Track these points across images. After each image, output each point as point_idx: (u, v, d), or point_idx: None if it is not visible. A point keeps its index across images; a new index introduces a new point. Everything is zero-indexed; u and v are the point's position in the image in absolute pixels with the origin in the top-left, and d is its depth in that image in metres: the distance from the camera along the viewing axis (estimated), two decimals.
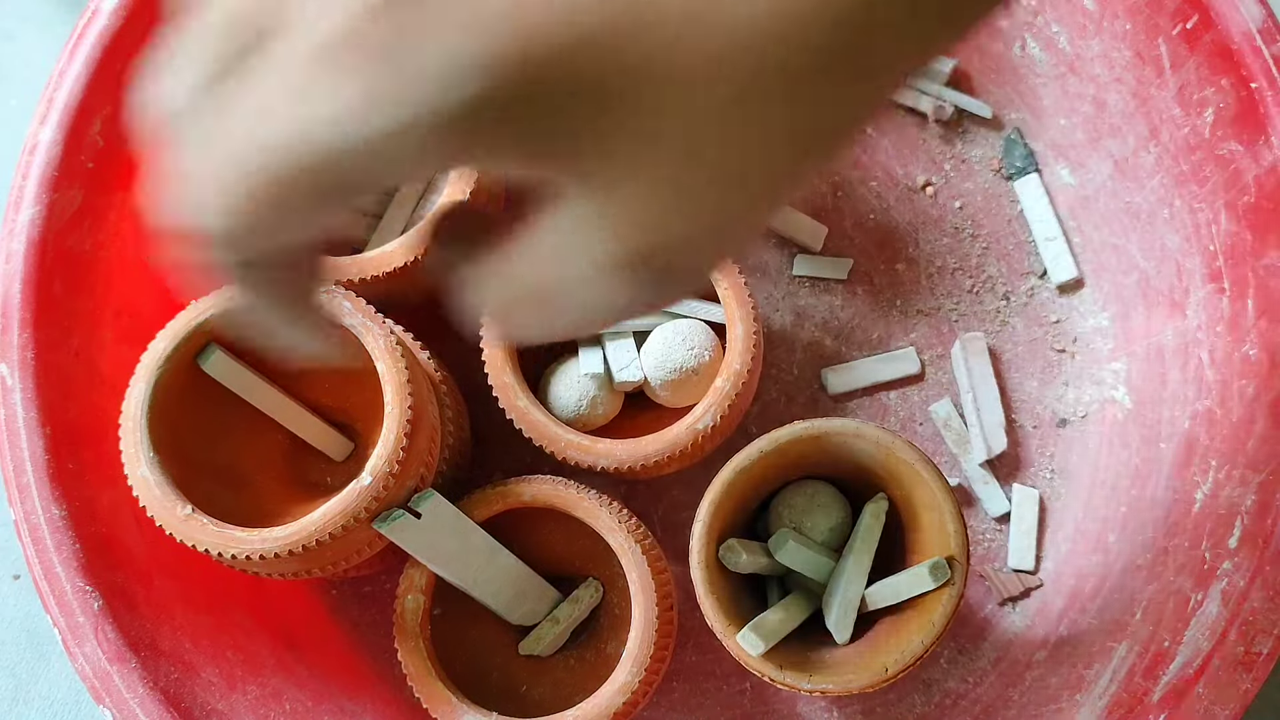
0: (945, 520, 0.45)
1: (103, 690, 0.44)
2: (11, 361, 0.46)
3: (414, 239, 0.50)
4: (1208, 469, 0.48)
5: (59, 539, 0.45)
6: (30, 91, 0.63)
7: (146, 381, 0.45)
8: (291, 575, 0.46)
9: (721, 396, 0.48)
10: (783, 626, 0.46)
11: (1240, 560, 0.44)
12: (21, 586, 0.57)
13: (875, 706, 0.52)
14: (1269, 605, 0.43)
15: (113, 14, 0.49)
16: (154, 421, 0.45)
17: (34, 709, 0.55)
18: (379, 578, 0.54)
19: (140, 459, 0.44)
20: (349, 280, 0.49)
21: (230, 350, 0.47)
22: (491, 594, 0.47)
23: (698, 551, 0.45)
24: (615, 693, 0.45)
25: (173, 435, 0.45)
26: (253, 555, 0.43)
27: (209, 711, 0.45)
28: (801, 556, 0.47)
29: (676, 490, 0.54)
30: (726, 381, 0.48)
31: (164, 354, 0.45)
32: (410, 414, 0.44)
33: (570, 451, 0.48)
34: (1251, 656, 0.43)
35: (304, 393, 0.50)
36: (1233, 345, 0.48)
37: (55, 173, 0.48)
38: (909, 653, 0.44)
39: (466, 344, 0.56)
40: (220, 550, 0.43)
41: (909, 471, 0.45)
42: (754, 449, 0.46)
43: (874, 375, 0.55)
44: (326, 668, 0.52)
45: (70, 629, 0.44)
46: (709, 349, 0.49)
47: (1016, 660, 0.52)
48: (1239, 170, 0.48)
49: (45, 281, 0.47)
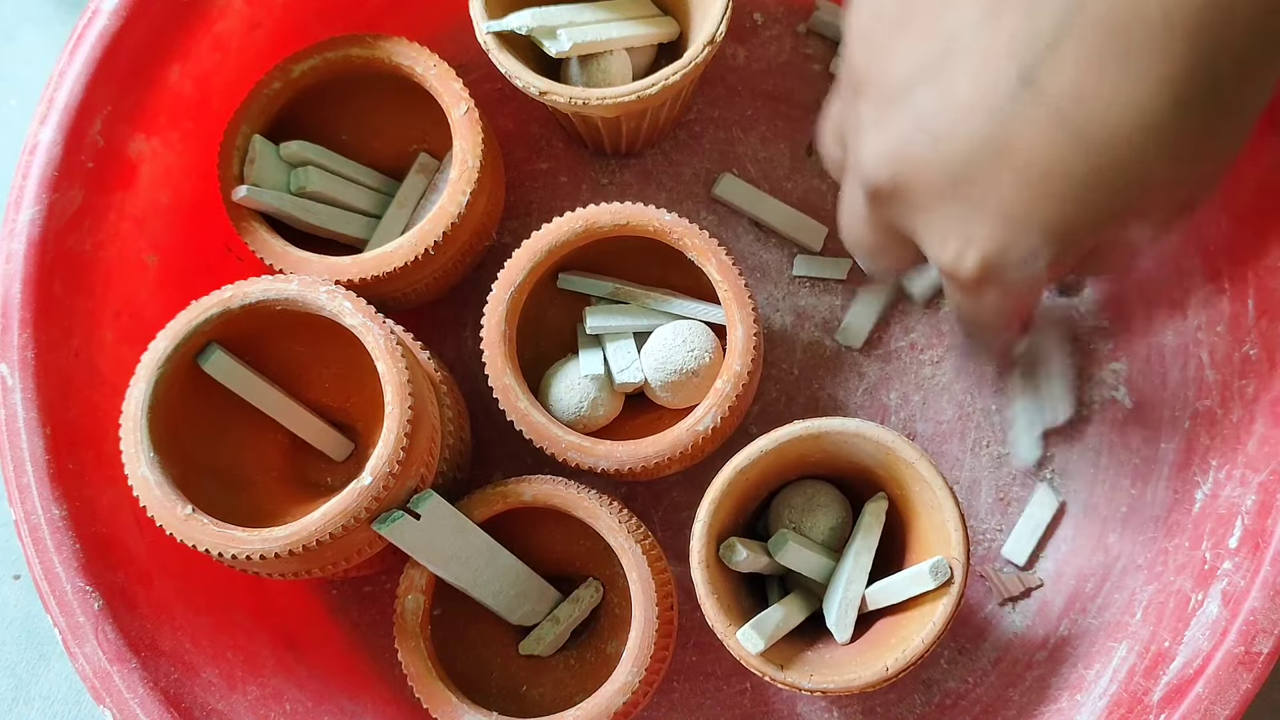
0: (945, 520, 0.45)
1: (103, 690, 0.44)
2: (11, 361, 0.46)
3: (414, 239, 0.50)
4: (1208, 469, 0.48)
5: (59, 539, 0.45)
6: (30, 91, 0.63)
7: (146, 381, 0.45)
8: (292, 575, 0.46)
9: (722, 398, 0.48)
10: (783, 625, 0.46)
11: (1240, 560, 0.44)
12: (21, 586, 0.57)
13: (875, 706, 0.52)
14: (1269, 605, 0.43)
15: (113, 14, 0.49)
16: (154, 421, 0.45)
17: (34, 709, 0.55)
18: (379, 578, 0.54)
19: (140, 459, 0.44)
20: (349, 280, 0.50)
21: (231, 350, 0.47)
22: (492, 594, 0.47)
23: (698, 550, 0.45)
24: (615, 693, 0.45)
25: (173, 435, 0.45)
26: (253, 555, 0.43)
27: (209, 711, 0.45)
28: (801, 557, 0.47)
29: (677, 491, 0.54)
30: (727, 383, 0.48)
31: (164, 354, 0.45)
32: (411, 414, 0.44)
33: (570, 453, 0.48)
34: (1251, 656, 0.43)
35: (304, 393, 0.50)
36: (1233, 345, 0.48)
37: (55, 173, 0.48)
38: (909, 652, 0.44)
39: (466, 344, 0.56)
40: (221, 550, 0.43)
41: (909, 471, 0.45)
42: (754, 448, 0.46)
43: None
44: (326, 668, 0.52)
45: (70, 629, 0.44)
46: (709, 350, 0.49)
47: (1016, 660, 0.52)
48: (1239, 170, 0.48)
49: (45, 281, 0.47)
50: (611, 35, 0.51)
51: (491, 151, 0.52)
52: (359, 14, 0.56)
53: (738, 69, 0.58)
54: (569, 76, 0.52)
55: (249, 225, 0.51)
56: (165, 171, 0.52)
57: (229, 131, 0.52)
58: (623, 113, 0.51)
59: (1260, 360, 0.47)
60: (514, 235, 0.56)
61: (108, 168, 0.49)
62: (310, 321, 0.46)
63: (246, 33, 0.53)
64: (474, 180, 0.50)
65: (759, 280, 0.56)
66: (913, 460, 0.45)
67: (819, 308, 0.56)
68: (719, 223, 0.57)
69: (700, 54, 0.50)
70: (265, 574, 0.46)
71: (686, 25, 0.54)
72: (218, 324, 0.46)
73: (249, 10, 0.53)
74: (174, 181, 0.52)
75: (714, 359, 0.49)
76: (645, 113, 0.52)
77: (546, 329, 0.52)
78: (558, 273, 0.51)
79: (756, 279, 0.56)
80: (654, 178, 0.58)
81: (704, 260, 0.49)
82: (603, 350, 0.51)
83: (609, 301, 0.51)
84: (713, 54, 0.50)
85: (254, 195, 0.51)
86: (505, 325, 0.49)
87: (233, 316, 0.46)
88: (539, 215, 0.57)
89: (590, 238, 0.49)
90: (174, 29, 0.51)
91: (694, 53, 0.50)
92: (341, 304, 0.45)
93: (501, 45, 0.50)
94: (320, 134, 0.54)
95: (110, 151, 0.49)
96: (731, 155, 0.57)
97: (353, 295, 0.46)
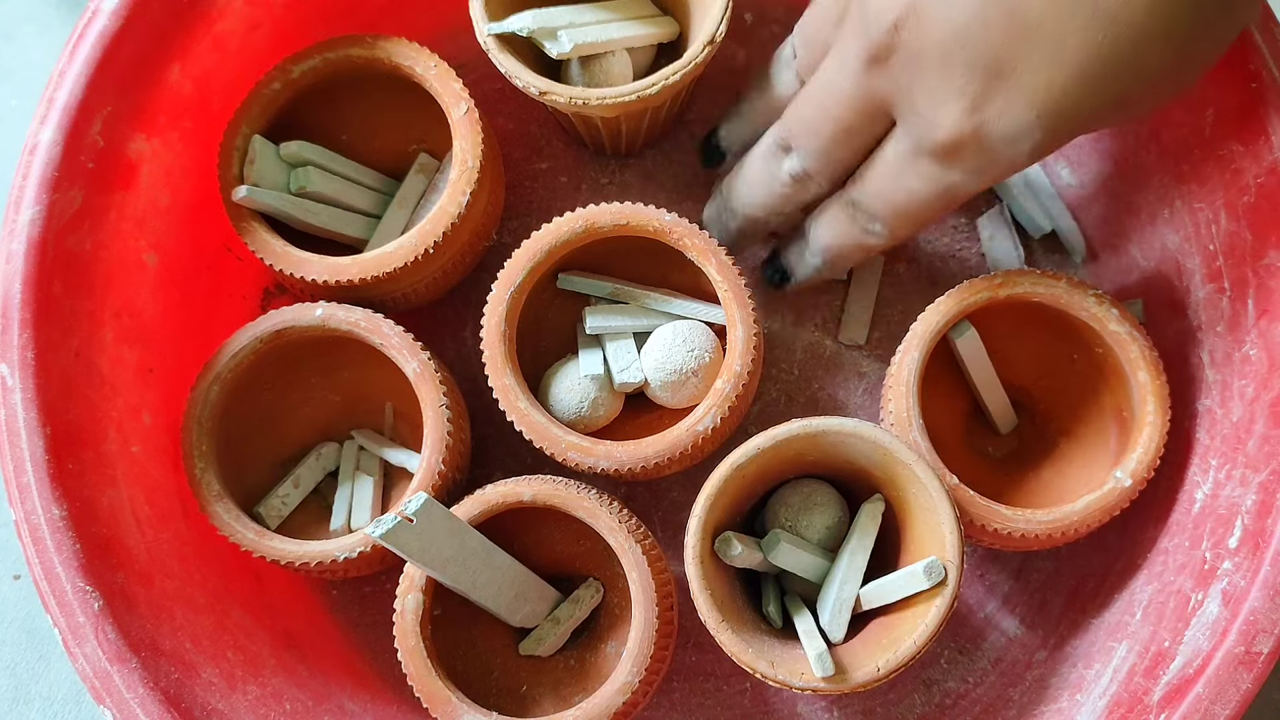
0: (940, 522, 0.45)
1: (103, 690, 0.44)
2: (11, 361, 0.46)
3: (414, 239, 0.50)
4: (1208, 469, 0.48)
5: (59, 539, 0.45)
6: (30, 91, 0.63)
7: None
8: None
9: (722, 398, 0.48)
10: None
11: (1240, 560, 0.44)
12: (21, 586, 0.57)
13: (875, 706, 0.52)
14: (1269, 605, 0.43)
15: (113, 14, 0.49)
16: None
17: (34, 709, 0.55)
18: (379, 578, 0.54)
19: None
20: (349, 280, 0.50)
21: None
22: (491, 597, 0.47)
23: (693, 546, 0.45)
24: (615, 693, 0.45)
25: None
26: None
27: (209, 711, 0.45)
28: (794, 557, 0.47)
29: (676, 491, 0.54)
30: (727, 383, 0.48)
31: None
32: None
33: (571, 453, 0.48)
34: (1251, 656, 0.43)
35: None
36: (1233, 345, 0.48)
37: (55, 173, 0.48)
38: (901, 652, 0.44)
39: (466, 344, 0.56)
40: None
41: (906, 473, 0.45)
42: (751, 446, 0.46)
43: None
44: (326, 668, 0.52)
45: (70, 629, 0.44)
46: (709, 351, 0.49)
47: (1016, 660, 0.52)
48: (1239, 170, 0.48)
49: (45, 281, 0.47)
50: (612, 36, 0.51)
51: (491, 151, 0.52)
52: (359, 14, 0.56)
53: (738, 69, 0.58)
54: (569, 77, 0.52)
55: (249, 225, 0.51)
56: (165, 171, 0.52)
57: (229, 131, 0.52)
58: (623, 113, 0.51)
59: (1260, 360, 0.47)
60: (514, 235, 0.56)
61: (108, 168, 0.49)
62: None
63: (246, 33, 0.53)
64: (474, 180, 0.50)
65: (759, 280, 0.56)
66: (909, 461, 0.45)
67: (819, 308, 0.56)
68: None
69: (700, 54, 0.50)
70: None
71: (686, 25, 0.54)
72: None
73: (249, 10, 0.53)
74: (174, 181, 0.52)
75: (714, 359, 0.49)
76: (645, 113, 0.52)
77: (546, 329, 0.52)
78: (558, 273, 0.51)
79: (756, 279, 0.56)
80: (654, 178, 0.58)
81: (704, 260, 0.49)
82: (603, 350, 0.51)
83: (609, 301, 0.51)
84: (713, 54, 0.50)
85: (254, 195, 0.51)
86: (505, 325, 0.49)
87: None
88: (539, 215, 0.57)
89: (590, 238, 0.49)
90: (174, 29, 0.51)
91: (694, 53, 0.50)
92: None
93: (502, 46, 0.50)
94: (320, 134, 0.54)
95: (110, 151, 0.49)
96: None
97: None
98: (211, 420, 0.49)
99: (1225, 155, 0.48)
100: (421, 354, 0.49)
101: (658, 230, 0.49)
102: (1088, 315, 0.48)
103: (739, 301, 0.48)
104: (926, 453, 0.47)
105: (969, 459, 0.52)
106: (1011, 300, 0.48)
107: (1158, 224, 0.52)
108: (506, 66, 0.50)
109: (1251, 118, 0.47)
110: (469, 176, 0.50)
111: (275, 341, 0.50)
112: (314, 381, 0.52)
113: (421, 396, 0.48)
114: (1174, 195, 0.51)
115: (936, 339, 0.48)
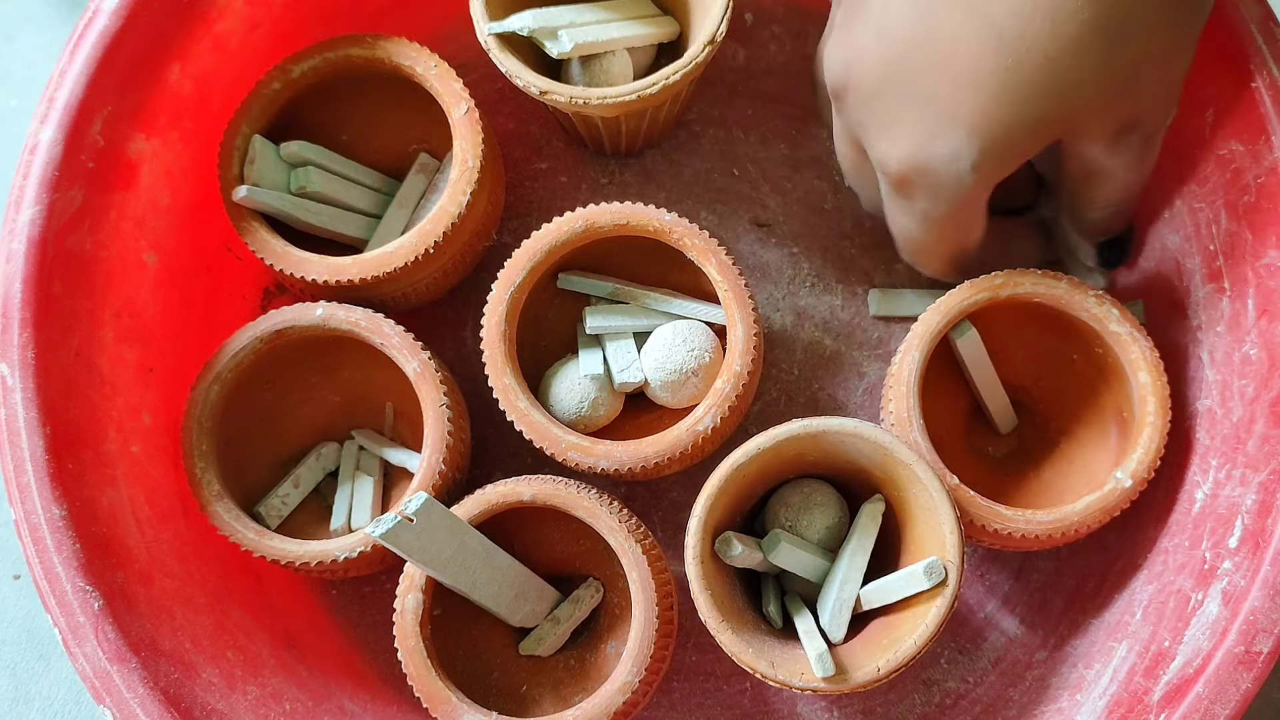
0: (941, 522, 0.45)
1: (103, 690, 0.44)
2: (11, 361, 0.46)
3: (414, 239, 0.50)
4: (1208, 469, 0.48)
5: (59, 539, 0.45)
6: (30, 91, 0.63)
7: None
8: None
9: (722, 398, 0.48)
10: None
11: (1240, 560, 0.44)
12: (21, 586, 0.57)
13: (875, 706, 0.52)
14: (1269, 605, 0.43)
15: (113, 14, 0.49)
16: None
17: (34, 709, 0.55)
18: (379, 578, 0.54)
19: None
20: (349, 280, 0.50)
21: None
22: (491, 596, 0.47)
23: (693, 546, 0.45)
24: (615, 692, 0.45)
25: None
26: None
27: (209, 711, 0.45)
28: (794, 557, 0.47)
29: (677, 491, 0.54)
30: (727, 383, 0.48)
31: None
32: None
33: (571, 453, 0.48)
34: (1251, 656, 0.43)
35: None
36: (1233, 345, 0.48)
37: (55, 173, 0.48)
38: (901, 653, 0.44)
39: (466, 344, 0.56)
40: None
41: (906, 473, 0.45)
42: (752, 445, 0.46)
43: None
44: (326, 668, 0.52)
45: (70, 629, 0.44)
46: (709, 350, 0.49)
47: (1016, 660, 0.52)
48: (1239, 170, 0.48)
49: (45, 281, 0.47)
50: (612, 35, 0.51)
51: (491, 151, 0.52)
52: (359, 14, 0.56)
53: (738, 69, 0.58)
54: (570, 76, 0.52)
55: (249, 225, 0.51)
56: (165, 171, 0.52)
57: (229, 131, 0.52)
58: (623, 112, 0.51)
59: (1260, 360, 0.47)
60: (514, 235, 0.56)
61: (108, 168, 0.49)
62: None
63: (246, 33, 0.53)
64: (474, 180, 0.50)
65: (759, 280, 0.56)
66: (909, 461, 0.45)
67: (819, 308, 0.56)
68: (719, 223, 0.57)
69: (700, 54, 0.50)
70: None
71: (686, 25, 0.54)
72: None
73: (249, 10, 0.53)
74: (174, 181, 0.52)
75: (714, 359, 0.49)
76: (645, 112, 0.52)
77: (546, 329, 0.52)
78: (558, 273, 0.51)
79: (756, 279, 0.56)
80: (654, 178, 0.58)
81: (704, 260, 0.49)
82: (603, 350, 0.51)
83: (609, 301, 0.51)
84: (713, 54, 0.50)
85: (254, 195, 0.51)
86: (505, 325, 0.49)
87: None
88: (539, 215, 0.57)
89: (590, 238, 0.49)
90: (174, 29, 0.51)
91: (694, 52, 0.50)
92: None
93: (503, 46, 0.50)
94: (320, 134, 0.54)
95: (110, 151, 0.49)
96: (731, 155, 0.57)
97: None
98: (211, 420, 0.49)
99: (1225, 155, 0.48)
100: (422, 354, 0.49)
101: (658, 230, 0.49)
102: (1088, 315, 0.48)
103: (739, 301, 0.48)
104: (927, 453, 0.47)
105: (969, 459, 0.52)
106: (1012, 300, 0.48)
107: (1158, 224, 0.52)
108: (507, 66, 0.50)
109: (1251, 118, 0.47)
110: (469, 176, 0.50)
111: (275, 341, 0.50)
112: (314, 381, 0.52)
113: (422, 396, 0.49)
114: (1174, 195, 0.51)
115: (937, 339, 0.48)
